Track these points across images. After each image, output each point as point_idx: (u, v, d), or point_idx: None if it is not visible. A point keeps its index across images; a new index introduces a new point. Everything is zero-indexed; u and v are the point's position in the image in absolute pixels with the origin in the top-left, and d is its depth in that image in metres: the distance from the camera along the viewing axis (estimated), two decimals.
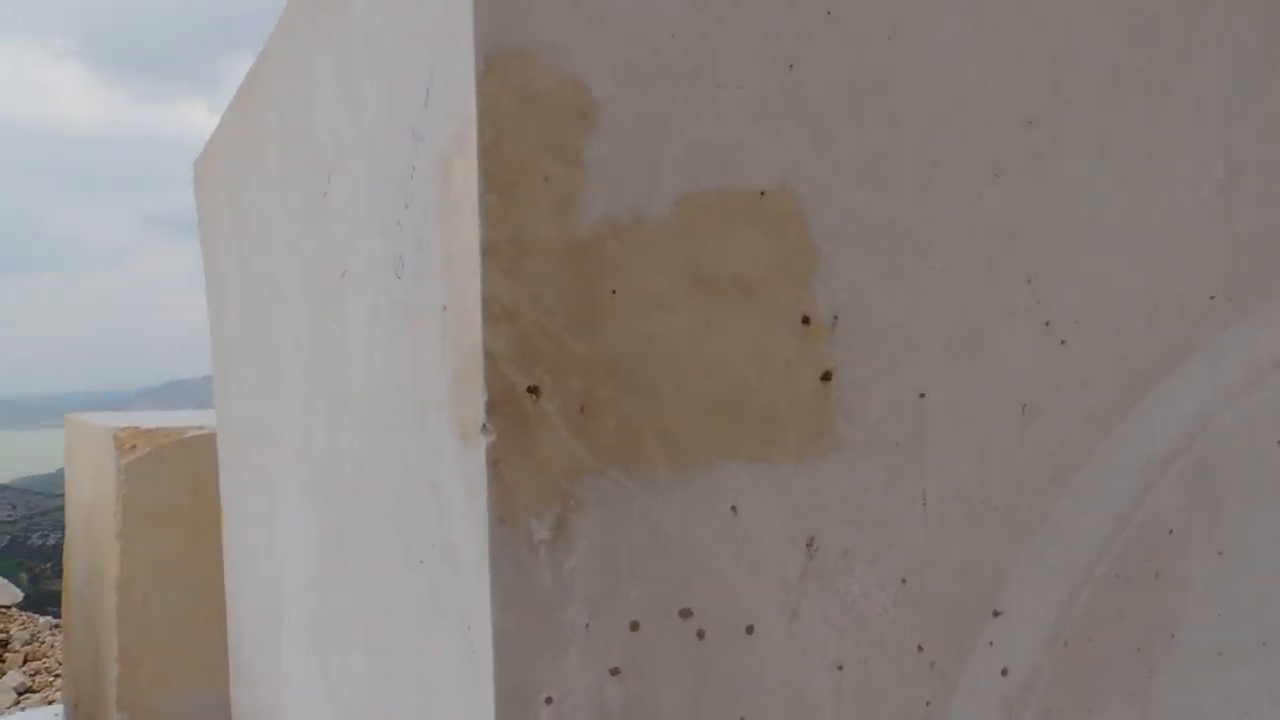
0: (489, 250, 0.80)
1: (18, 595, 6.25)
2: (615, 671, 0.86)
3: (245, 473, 2.22)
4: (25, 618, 6.11)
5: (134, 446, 2.98)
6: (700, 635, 0.90)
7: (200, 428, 3.12)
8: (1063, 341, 1.10)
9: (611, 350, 0.85)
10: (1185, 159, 1.15)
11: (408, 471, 1.03)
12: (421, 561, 0.99)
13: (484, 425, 0.81)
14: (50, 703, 4.88)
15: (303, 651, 1.68)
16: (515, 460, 0.82)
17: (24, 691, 5.21)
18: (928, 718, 1.02)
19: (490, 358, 0.81)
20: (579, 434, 0.84)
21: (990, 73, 1.03)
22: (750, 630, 0.92)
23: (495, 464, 0.81)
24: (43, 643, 5.75)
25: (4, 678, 5.36)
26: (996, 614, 1.06)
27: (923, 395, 1.01)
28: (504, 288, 0.81)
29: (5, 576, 6.75)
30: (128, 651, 2.94)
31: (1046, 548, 1.09)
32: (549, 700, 0.83)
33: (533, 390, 0.82)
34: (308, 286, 1.44)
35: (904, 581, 1.00)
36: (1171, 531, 1.18)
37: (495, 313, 0.80)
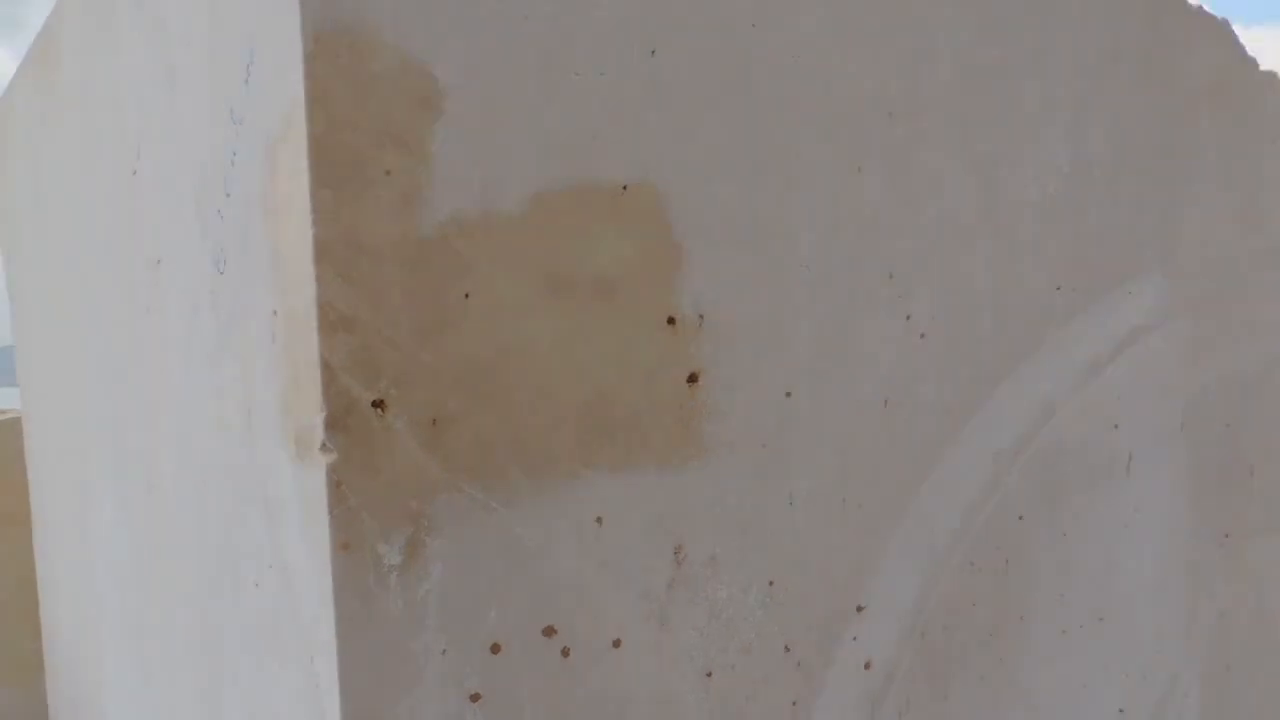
0: (323, 252, 0.72)
1: None
2: (475, 697, 0.80)
3: (54, 462, 2.03)
4: None
5: None
6: (565, 653, 0.85)
7: (3, 411, 2.85)
8: (922, 335, 1.10)
9: (464, 358, 0.78)
10: (1035, 154, 1.17)
11: (235, 485, 0.94)
12: (256, 585, 0.91)
13: (323, 444, 0.73)
14: None
15: (123, 654, 1.54)
16: (360, 481, 0.74)
17: None
18: (794, 717, 1.01)
19: (329, 370, 0.73)
20: (430, 449, 0.77)
21: (852, 64, 1.01)
22: (617, 644, 0.88)
23: (337, 485, 0.74)
24: None
25: None
26: (860, 609, 1.06)
27: (789, 394, 0.99)
28: (341, 293, 0.73)
29: None
30: None
31: (906, 541, 1.09)
32: None
33: (378, 405, 0.75)
34: (118, 270, 1.30)
35: (771, 583, 0.99)
36: (1021, 518, 1.21)
37: (332, 320, 0.73)
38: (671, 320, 0.90)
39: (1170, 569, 1.38)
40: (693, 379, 0.92)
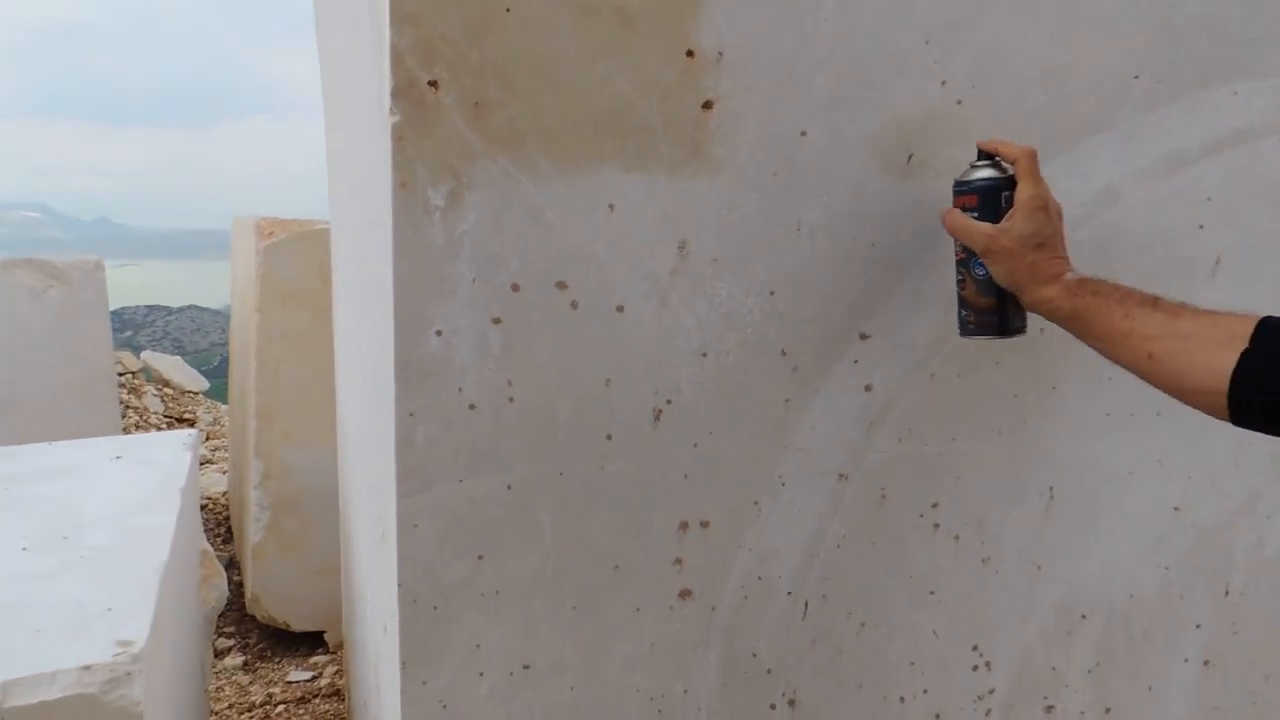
0: None
1: (204, 383, 7.12)
2: (497, 320, 1.07)
3: (339, 248, 2.54)
4: (210, 403, 6.98)
5: (271, 233, 3.39)
6: (574, 305, 1.10)
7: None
8: (959, 101, 1.20)
9: (502, 59, 1.03)
10: None
11: (364, 149, 1.25)
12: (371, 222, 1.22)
13: (390, 108, 1.01)
14: (225, 473, 5.62)
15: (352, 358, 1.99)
16: (415, 138, 1.02)
17: (203, 463, 5.99)
18: (786, 412, 1.19)
19: (396, 52, 1.00)
20: (472, 125, 1.03)
21: None
22: (620, 309, 1.11)
23: (399, 139, 1.02)
24: (223, 425, 6.57)
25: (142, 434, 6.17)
26: (864, 337, 1.21)
27: (804, 134, 1.15)
28: None
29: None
30: (262, 411, 3.41)
31: (919, 284, 1.22)
32: (439, 332, 1.06)
33: (432, 84, 1.02)
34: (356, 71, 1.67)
35: (772, 293, 1.17)
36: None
37: (400, 16, 1.00)
38: (690, 53, 1.09)
39: None
40: (707, 105, 1.10)
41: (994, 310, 1.11)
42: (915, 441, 1.25)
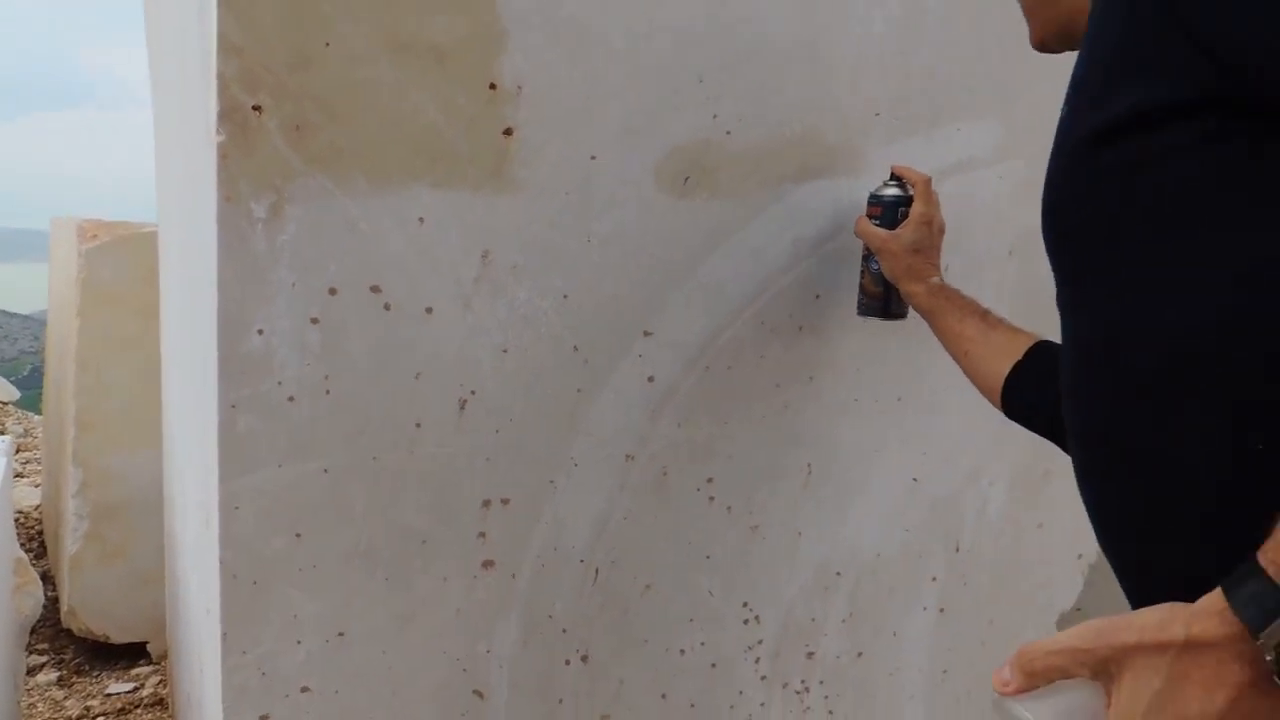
0: (223, 1, 1.10)
1: (14, 393, 6.75)
2: (315, 320, 1.19)
3: (165, 249, 2.56)
4: (20, 414, 6.62)
5: (95, 235, 3.33)
6: (387, 307, 1.23)
7: (157, 225, 3.46)
8: (728, 132, 1.40)
9: (321, 88, 1.15)
10: None
11: (195, 168, 1.35)
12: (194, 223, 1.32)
13: (216, 129, 1.12)
14: (38, 486, 5.37)
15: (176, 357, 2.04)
16: (239, 157, 1.13)
17: (15, 476, 5.70)
18: (578, 401, 1.36)
19: (223, 79, 1.11)
20: (293, 146, 1.16)
21: None
22: (429, 311, 1.25)
23: (224, 157, 1.13)
24: (34, 437, 6.25)
25: None
26: (647, 334, 1.39)
27: (594, 157, 1.32)
28: (234, 28, 1.11)
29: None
30: (82, 417, 3.34)
31: (695, 292, 1.41)
32: (260, 332, 1.17)
33: (256, 108, 1.13)
34: (171, 51, 1.74)
35: (565, 297, 1.33)
36: (818, 297, 1.50)
37: (226, 46, 1.11)
38: (493, 86, 1.24)
39: None
40: (508, 132, 1.26)
41: (881, 298, 1.41)
42: (692, 426, 1.44)
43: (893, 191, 1.39)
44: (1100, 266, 0.73)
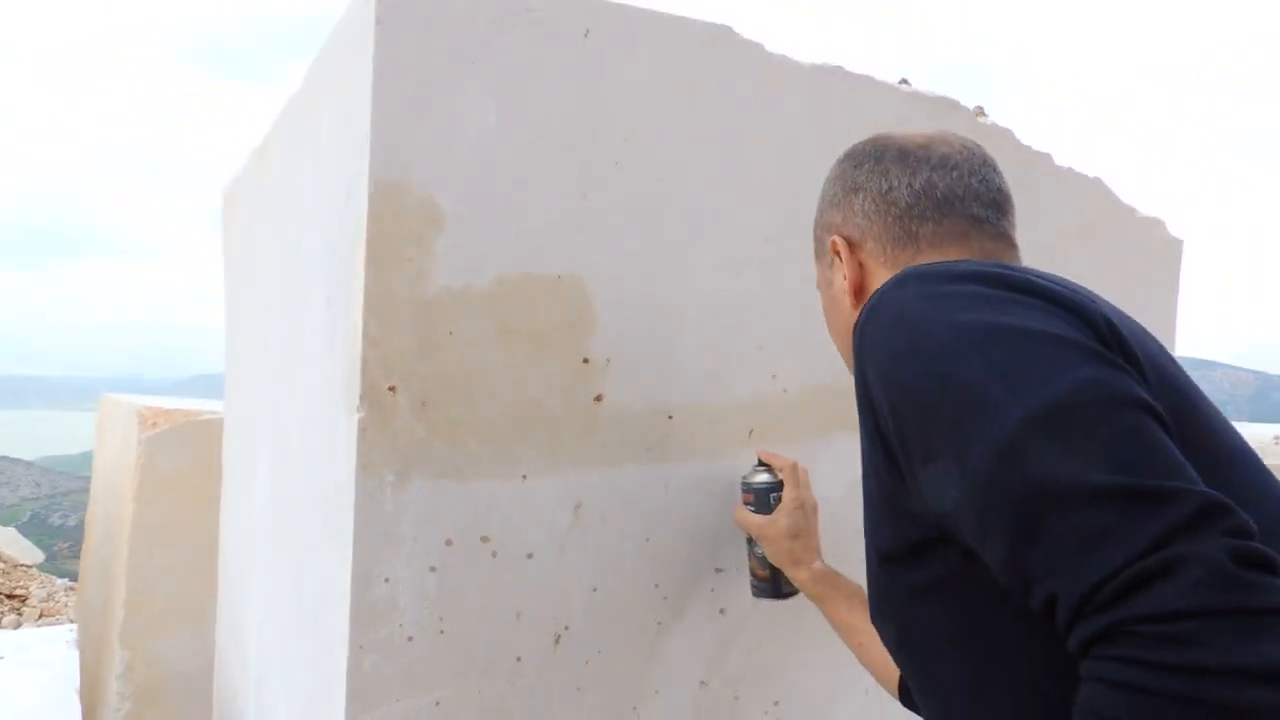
0: (369, 300, 1.30)
1: (39, 556, 6.84)
2: (433, 569, 1.36)
3: (238, 451, 2.74)
4: (44, 578, 6.69)
5: (155, 424, 3.52)
6: (494, 555, 1.39)
7: (213, 413, 3.65)
8: (785, 390, 1.59)
9: (444, 371, 1.35)
10: None
11: (321, 433, 1.54)
12: (323, 497, 1.50)
13: (358, 406, 1.31)
14: None
15: (261, 570, 2.18)
16: (376, 430, 1.32)
17: None
18: (658, 634, 1.51)
19: (365, 364, 1.31)
20: (420, 420, 1.34)
21: (738, 201, 1.53)
22: (530, 556, 1.42)
23: (363, 431, 1.32)
24: (57, 601, 6.30)
25: (19, 630, 5.89)
26: (718, 570, 1.55)
27: (670, 417, 1.51)
28: (374, 324, 1.31)
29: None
30: (133, 600, 3.45)
31: None
32: (387, 580, 1.33)
33: (391, 389, 1.33)
34: (286, 308, 1.96)
35: (647, 539, 1.50)
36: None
37: (368, 338, 1.31)
38: (586, 360, 1.44)
39: None
40: (599, 399, 1.45)
41: (770, 580, 1.47)
42: (760, 652, 1.58)
43: (763, 478, 1.45)
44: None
